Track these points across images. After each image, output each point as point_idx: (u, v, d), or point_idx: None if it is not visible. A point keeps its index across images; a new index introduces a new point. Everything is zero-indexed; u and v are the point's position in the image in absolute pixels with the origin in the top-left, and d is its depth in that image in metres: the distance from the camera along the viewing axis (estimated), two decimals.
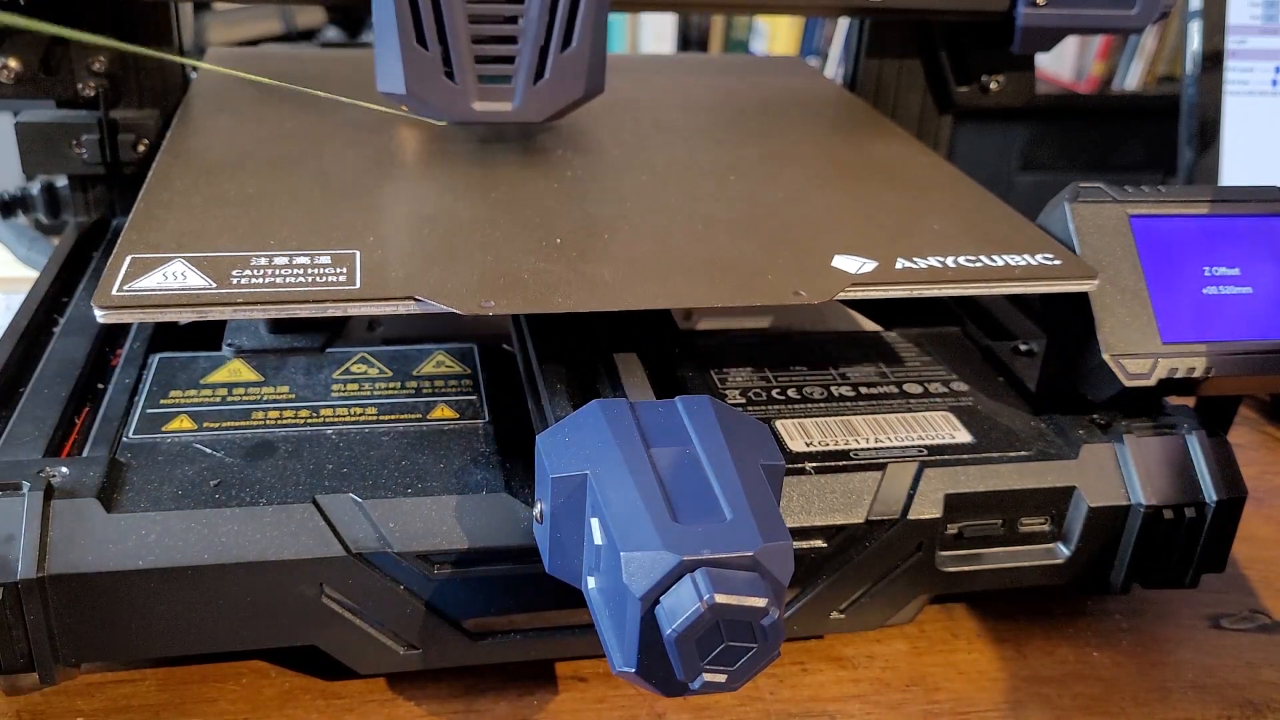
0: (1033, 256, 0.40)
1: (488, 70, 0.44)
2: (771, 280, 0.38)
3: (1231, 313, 0.40)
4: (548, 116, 0.45)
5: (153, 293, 0.34)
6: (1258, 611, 0.44)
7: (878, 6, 0.54)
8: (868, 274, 0.38)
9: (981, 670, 0.40)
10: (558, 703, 0.37)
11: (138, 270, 0.35)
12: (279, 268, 0.36)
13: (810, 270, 0.38)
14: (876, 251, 0.40)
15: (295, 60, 0.60)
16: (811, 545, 0.37)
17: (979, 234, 0.42)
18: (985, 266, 0.39)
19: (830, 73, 1.46)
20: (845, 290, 0.37)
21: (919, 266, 0.39)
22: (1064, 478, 0.39)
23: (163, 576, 0.33)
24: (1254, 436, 0.57)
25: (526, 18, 0.43)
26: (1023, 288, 0.39)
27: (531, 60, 0.44)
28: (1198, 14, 0.65)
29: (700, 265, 0.38)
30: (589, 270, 0.37)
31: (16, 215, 0.62)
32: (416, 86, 0.43)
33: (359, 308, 0.34)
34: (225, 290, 0.34)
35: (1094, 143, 1.08)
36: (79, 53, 0.51)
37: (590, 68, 0.44)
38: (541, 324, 0.42)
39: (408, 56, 0.42)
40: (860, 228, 0.42)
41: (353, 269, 0.36)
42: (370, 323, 0.49)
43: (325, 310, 0.34)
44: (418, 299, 0.34)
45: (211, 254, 0.36)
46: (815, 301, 0.37)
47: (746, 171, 0.48)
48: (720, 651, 0.27)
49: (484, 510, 0.35)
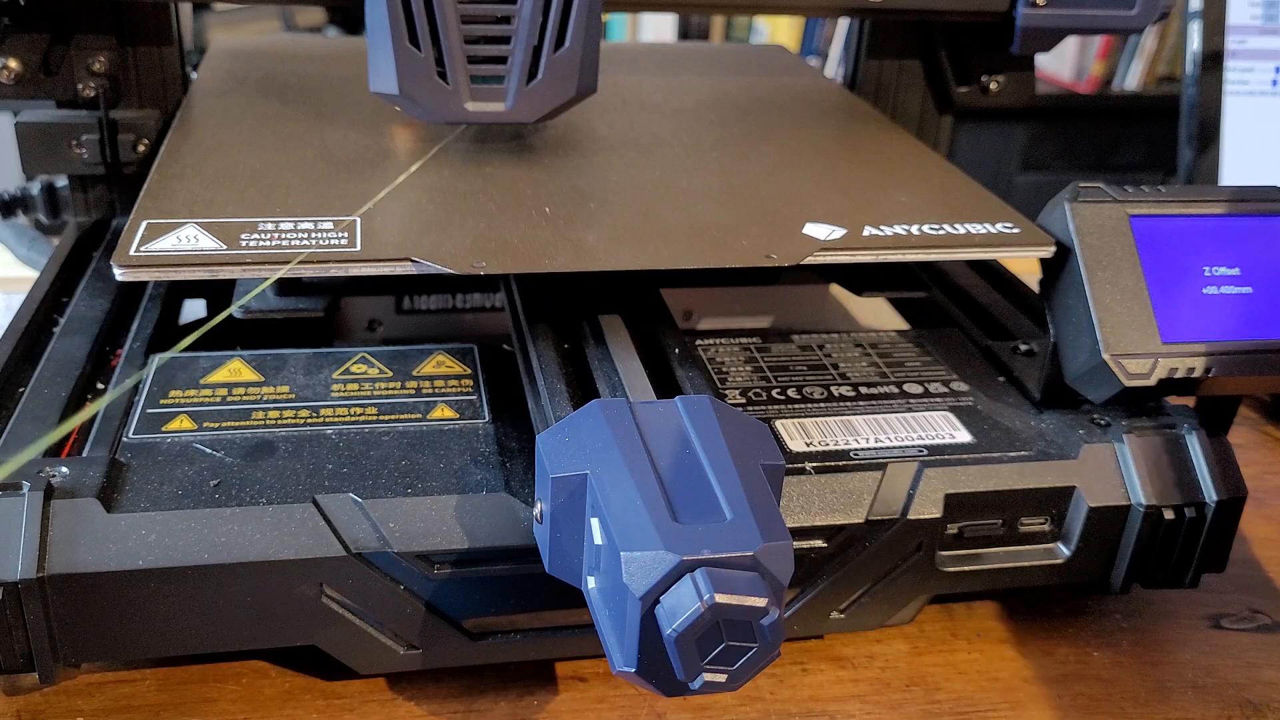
0: (993, 225, 0.42)
1: (480, 71, 0.44)
2: (745, 245, 0.40)
3: (1231, 313, 0.40)
4: (540, 117, 0.45)
5: (168, 253, 0.37)
6: (1258, 611, 0.44)
7: (878, 6, 0.54)
8: (836, 240, 0.41)
9: (981, 670, 0.40)
10: (558, 703, 0.37)
11: (153, 234, 0.38)
12: (285, 232, 0.38)
13: (782, 236, 0.41)
14: (846, 220, 0.42)
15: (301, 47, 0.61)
16: (811, 545, 0.37)
17: (944, 205, 0.44)
18: (947, 234, 0.42)
19: (830, 73, 1.46)
20: (814, 255, 0.40)
21: (885, 234, 0.41)
22: (1064, 478, 0.39)
23: (163, 576, 0.33)
24: (1254, 436, 0.57)
25: (519, 18, 0.43)
26: (982, 253, 0.42)
27: (524, 61, 0.44)
28: (1198, 14, 0.65)
29: (679, 231, 0.41)
30: (575, 236, 0.40)
31: (16, 215, 0.62)
32: (409, 87, 0.43)
33: (359, 268, 0.37)
34: (235, 251, 0.37)
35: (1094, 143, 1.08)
36: (79, 53, 0.51)
37: (583, 68, 0.45)
38: (531, 289, 0.44)
39: (400, 57, 0.42)
40: (832, 199, 0.45)
41: (354, 233, 0.38)
42: (370, 323, 0.50)
43: (328, 270, 0.37)
44: (414, 260, 0.37)
45: (222, 219, 0.39)
46: (785, 264, 0.39)
47: (727, 150, 0.50)
48: (720, 651, 0.28)
49: (484, 510, 0.35)
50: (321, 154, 0.46)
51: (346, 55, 0.60)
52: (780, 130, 0.54)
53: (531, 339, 0.41)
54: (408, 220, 0.40)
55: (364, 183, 0.43)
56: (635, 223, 0.41)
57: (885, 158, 0.50)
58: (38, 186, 0.59)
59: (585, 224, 0.41)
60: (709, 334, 0.47)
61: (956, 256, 0.41)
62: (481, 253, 0.38)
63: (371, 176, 0.43)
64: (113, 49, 0.52)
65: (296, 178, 0.43)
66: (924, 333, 0.48)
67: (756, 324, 0.50)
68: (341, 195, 0.41)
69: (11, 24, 0.49)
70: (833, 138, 0.53)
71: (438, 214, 0.40)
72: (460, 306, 0.52)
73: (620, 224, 0.41)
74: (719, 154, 0.49)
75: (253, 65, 0.57)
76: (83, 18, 0.51)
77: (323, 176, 0.43)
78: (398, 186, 0.43)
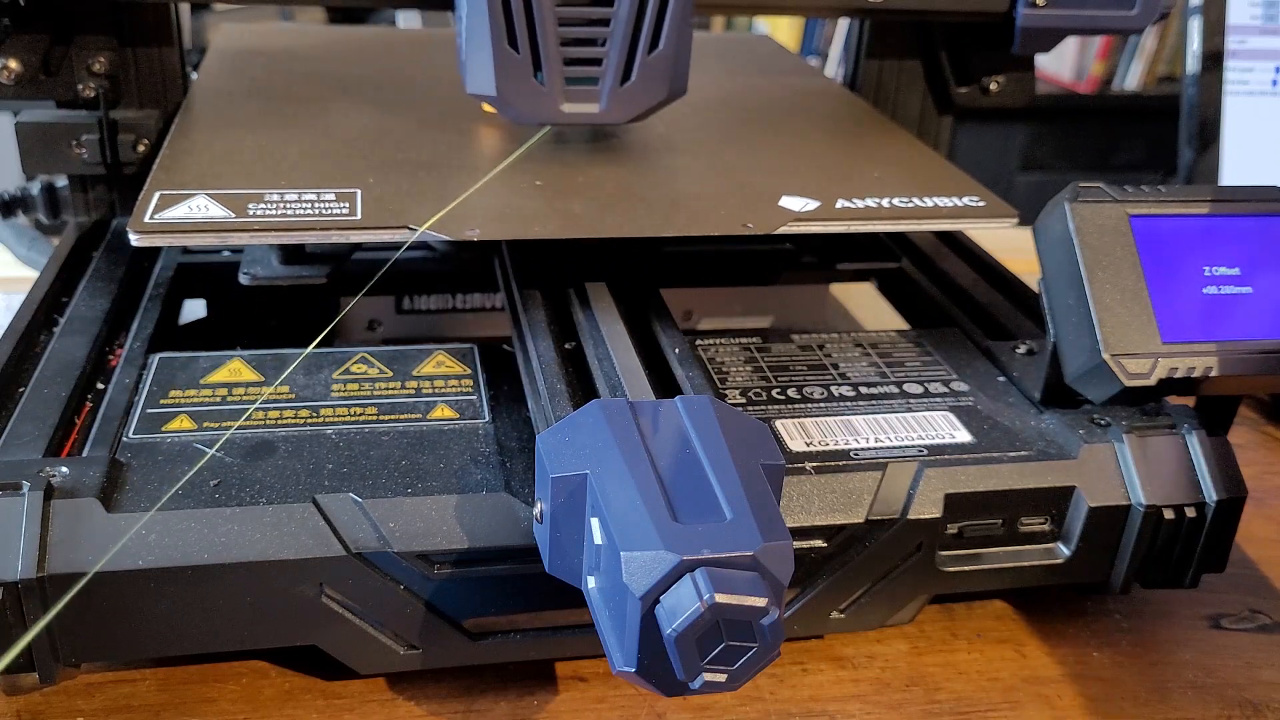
0: (960, 199, 0.44)
1: (575, 73, 0.44)
2: (723, 214, 0.42)
3: (1231, 313, 0.40)
4: (632, 118, 0.45)
5: (180, 220, 0.39)
6: (1258, 611, 0.44)
7: (878, 7, 0.54)
8: (810, 211, 0.43)
9: (981, 670, 0.40)
10: (558, 703, 0.37)
11: (166, 203, 0.40)
12: (290, 202, 0.40)
13: (759, 207, 0.43)
14: (820, 194, 0.44)
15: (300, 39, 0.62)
16: (811, 545, 0.37)
17: (913, 180, 0.47)
18: (916, 207, 0.44)
19: (830, 73, 1.46)
20: (789, 225, 0.42)
21: (857, 206, 0.43)
22: (1064, 478, 0.39)
23: (163, 576, 0.33)
24: (1254, 436, 0.57)
25: (616, 20, 0.43)
26: (949, 224, 0.44)
27: (619, 62, 0.44)
28: (1198, 9, 0.65)
29: (661, 202, 0.43)
30: (563, 206, 0.42)
31: (16, 215, 0.62)
32: (505, 88, 0.43)
33: (360, 235, 0.39)
34: (243, 219, 0.39)
35: (1094, 143, 1.08)
36: (79, 53, 0.51)
37: (675, 70, 0.45)
38: (521, 257, 0.46)
39: (499, 58, 0.43)
40: (808, 175, 0.47)
41: (355, 204, 0.40)
42: (370, 323, 0.50)
43: (330, 237, 0.39)
44: (411, 228, 0.39)
45: (230, 190, 0.41)
46: (760, 232, 0.41)
47: (710, 129, 0.53)
48: (720, 651, 0.27)
49: (484, 510, 0.35)
50: (325, 132, 0.48)
51: (345, 45, 0.61)
52: (762, 114, 0.56)
53: (531, 337, 0.41)
54: (406, 191, 0.42)
55: (365, 159, 0.45)
56: (620, 195, 0.43)
57: (860, 138, 0.53)
58: (38, 186, 0.59)
59: (573, 195, 0.43)
60: (709, 334, 0.47)
61: (925, 227, 0.44)
62: (475, 221, 0.40)
63: (372, 153, 0.46)
64: (113, 49, 0.52)
65: (301, 153, 0.45)
66: (924, 333, 0.48)
67: (756, 324, 0.50)
68: (344, 169, 0.44)
69: (12, 24, 0.49)
70: (811, 121, 0.55)
71: (434, 186, 0.42)
72: (460, 306, 0.52)
73: (606, 196, 0.43)
74: (701, 135, 0.51)
75: (253, 62, 0.58)
76: (83, 18, 0.51)
77: (326, 152, 0.45)
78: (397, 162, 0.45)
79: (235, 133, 0.47)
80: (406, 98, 0.53)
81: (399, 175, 0.44)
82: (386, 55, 0.61)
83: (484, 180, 0.43)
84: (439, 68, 0.58)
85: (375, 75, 0.57)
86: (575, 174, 0.45)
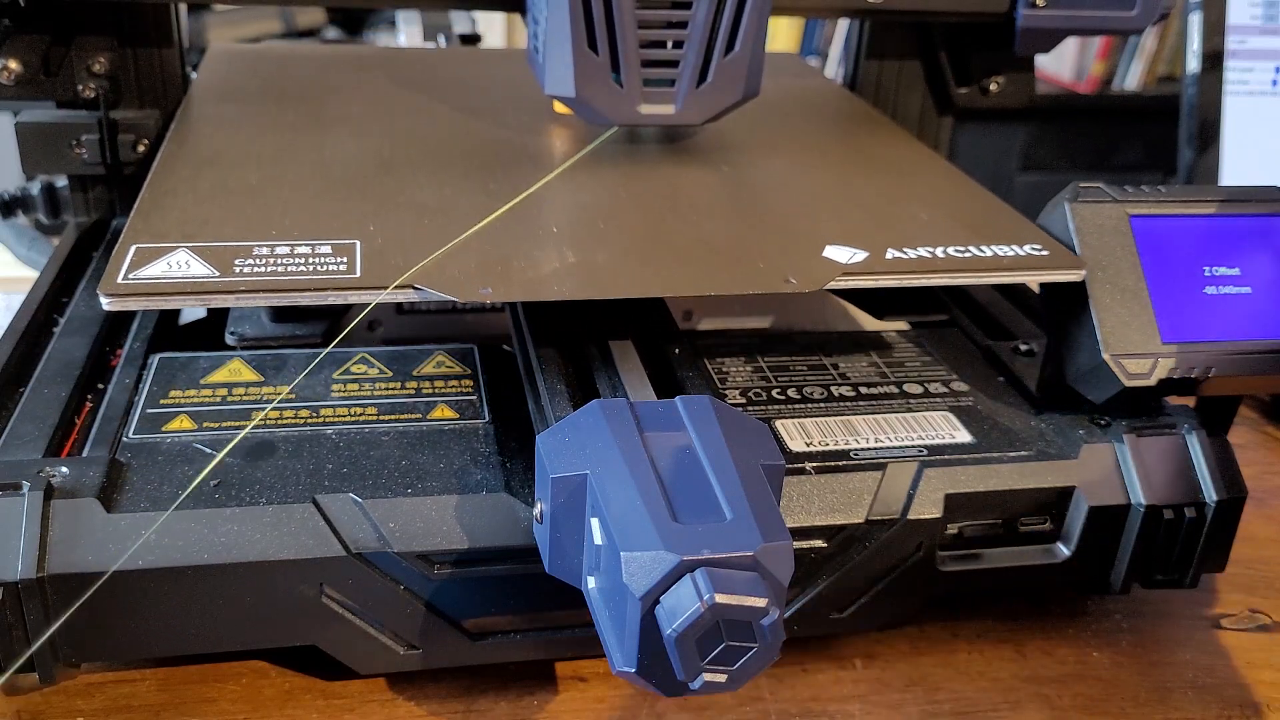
0: (1020, 247, 0.41)
1: (652, 75, 0.45)
2: (763, 267, 0.38)
3: (1231, 313, 0.40)
4: (707, 119, 0.45)
5: (157, 281, 0.35)
6: (1258, 611, 0.44)
7: (878, 7, 0.54)
8: (859, 263, 0.39)
9: (981, 670, 0.40)
10: (558, 703, 0.37)
11: (142, 259, 0.36)
12: (281, 257, 0.36)
13: (801, 257, 0.39)
14: (866, 240, 0.40)
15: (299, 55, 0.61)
16: (811, 545, 0.37)
17: (964, 223, 0.43)
18: (974, 257, 0.40)
19: (830, 73, 1.46)
20: (836, 280, 0.38)
21: (909, 256, 0.40)
22: (1064, 478, 0.39)
23: (163, 576, 0.33)
24: (1254, 436, 0.57)
25: (693, 23, 0.44)
26: (1011, 277, 0.40)
27: (696, 64, 0.44)
28: (1197, 5, 0.65)
29: (693, 252, 0.39)
30: (584, 258, 0.38)
31: (16, 215, 0.62)
32: (585, 89, 0.43)
33: (359, 295, 0.35)
34: (228, 279, 0.35)
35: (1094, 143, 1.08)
36: (79, 54, 0.51)
37: (750, 72, 0.45)
38: (538, 312, 0.42)
39: (579, 60, 0.43)
40: (847, 215, 0.43)
41: (353, 258, 0.37)
42: (370, 323, 0.49)
43: (326, 299, 0.35)
44: (417, 287, 0.35)
45: (215, 243, 0.37)
46: (806, 290, 0.37)
47: (737, 159, 0.49)
48: (720, 651, 0.27)
49: (484, 510, 0.35)
50: (319, 169, 0.44)
51: (342, 62, 0.60)
52: (791, 140, 0.53)
53: (532, 340, 0.41)
54: (409, 241, 0.38)
55: (363, 201, 0.41)
56: (646, 242, 0.40)
57: (895, 166, 0.49)
58: (38, 186, 0.59)
59: (594, 245, 0.39)
60: (709, 334, 0.47)
61: (985, 281, 0.40)
62: (487, 277, 0.36)
63: (371, 194, 0.42)
64: (113, 50, 0.52)
65: (294, 195, 0.42)
66: (924, 333, 0.48)
67: (756, 324, 0.50)
68: (340, 215, 0.40)
69: (12, 25, 0.49)
70: (840, 144, 0.52)
71: (440, 235, 0.39)
72: (460, 307, 0.52)
73: (630, 244, 0.40)
74: (729, 167, 0.48)
75: (252, 70, 0.57)
76: (83, 19, 0.51)
77: (321, 194, 0.42)
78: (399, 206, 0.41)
79: (221, 169, 0.43)
80: (408, 125, 0.50)
81: (401, 220, 0.40)
82: (386, 77, 0.57)
83: (489, 219, 0.40)
84: (443, 89, 0.56)
85: (374, 99, 0.53)
86: (594, 219, 0.41)
